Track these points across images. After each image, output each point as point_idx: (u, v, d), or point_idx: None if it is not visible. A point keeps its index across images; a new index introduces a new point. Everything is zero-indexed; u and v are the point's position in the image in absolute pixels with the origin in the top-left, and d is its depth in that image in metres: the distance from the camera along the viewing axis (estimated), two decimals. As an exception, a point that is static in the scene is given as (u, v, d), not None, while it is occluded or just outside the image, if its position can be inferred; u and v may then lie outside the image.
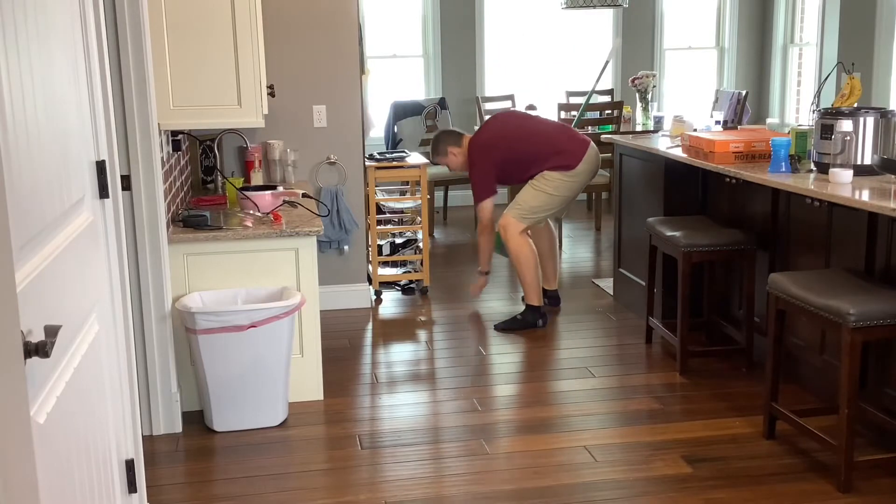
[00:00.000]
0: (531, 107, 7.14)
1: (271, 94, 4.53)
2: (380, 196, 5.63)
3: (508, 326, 4.74)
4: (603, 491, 3.03)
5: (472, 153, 4.78)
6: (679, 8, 8.61)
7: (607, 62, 6.75)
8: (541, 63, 8.43)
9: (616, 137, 5.21)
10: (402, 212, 5.96)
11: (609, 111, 7.13)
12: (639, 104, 7.40)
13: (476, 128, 7.86)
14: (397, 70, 8.24)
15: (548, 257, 5.04)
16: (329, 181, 5.01)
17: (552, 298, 5.07)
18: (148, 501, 2.76)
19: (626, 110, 7.07)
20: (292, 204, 4.00)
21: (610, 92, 8.02)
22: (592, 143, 4.80)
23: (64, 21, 2.05)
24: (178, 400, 3.54)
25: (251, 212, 3.89)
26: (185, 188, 4.35)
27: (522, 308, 4.86)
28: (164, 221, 3.41)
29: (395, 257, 5.62)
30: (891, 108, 3.83)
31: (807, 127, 4.00)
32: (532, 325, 4.73)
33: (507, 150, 4.74)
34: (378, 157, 5.44)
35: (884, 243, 3.35)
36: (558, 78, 8.35)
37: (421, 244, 5.52)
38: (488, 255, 4.94)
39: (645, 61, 8.50)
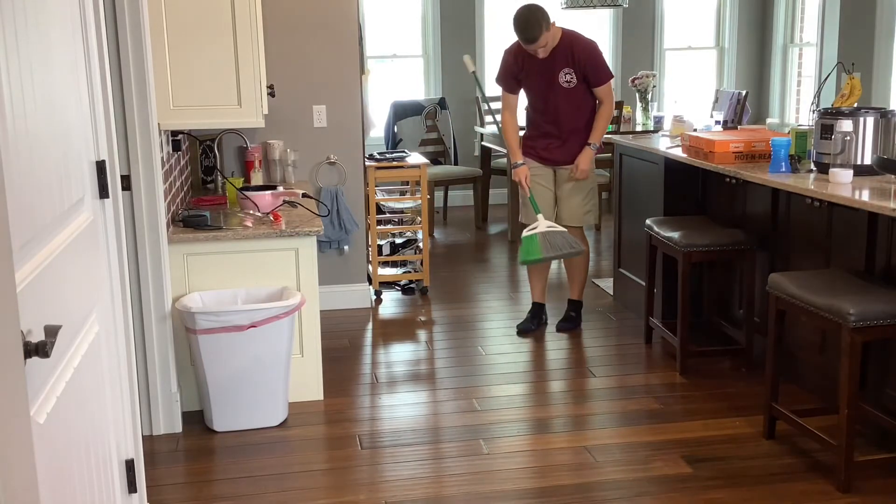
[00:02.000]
0: None
1: (271, 94, 4.52)
2: (380, 196, 5.63)
3: (571, 326, 4.73)
4: (603, 491, 3.03)
5: (591, 43, 4.65)
6: (679, 8, 8.61)
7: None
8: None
9: (616, 137, 5.21)
10: (402, 212, 5.96)
11: (609, 111, 7.11)
12: (639, 104, 7.40)
13: (477, 128, 7.91)
14: (397, 70, 8.24)
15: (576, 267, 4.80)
16: (329, 181, 5.01)
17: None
18: (148, 501, 2.76)
19: (626, 110, 7.07)
20: (292, 204, 4.00)
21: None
22: None
23: (64, 21, 2.05)
24: (178, 400, 3.54)
25: (251, 212, 3.89)
26: (185, 188, 4.35)
27: (534, 307, 4.79)
28: (164, 221, 3.41)
29: (395, 257, 5.61)
30: (891, 108, 3.84)
31: (807, 127, 4.00)
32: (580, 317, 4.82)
33: None
34: (378, 157, 5.44)
35: (884, 243, 3.35)
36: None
37: (421, 244, 5.52)
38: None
39: (645, 61, 8.50)
